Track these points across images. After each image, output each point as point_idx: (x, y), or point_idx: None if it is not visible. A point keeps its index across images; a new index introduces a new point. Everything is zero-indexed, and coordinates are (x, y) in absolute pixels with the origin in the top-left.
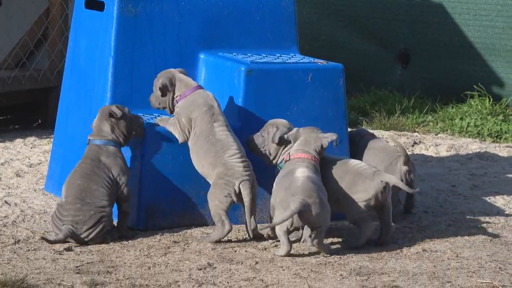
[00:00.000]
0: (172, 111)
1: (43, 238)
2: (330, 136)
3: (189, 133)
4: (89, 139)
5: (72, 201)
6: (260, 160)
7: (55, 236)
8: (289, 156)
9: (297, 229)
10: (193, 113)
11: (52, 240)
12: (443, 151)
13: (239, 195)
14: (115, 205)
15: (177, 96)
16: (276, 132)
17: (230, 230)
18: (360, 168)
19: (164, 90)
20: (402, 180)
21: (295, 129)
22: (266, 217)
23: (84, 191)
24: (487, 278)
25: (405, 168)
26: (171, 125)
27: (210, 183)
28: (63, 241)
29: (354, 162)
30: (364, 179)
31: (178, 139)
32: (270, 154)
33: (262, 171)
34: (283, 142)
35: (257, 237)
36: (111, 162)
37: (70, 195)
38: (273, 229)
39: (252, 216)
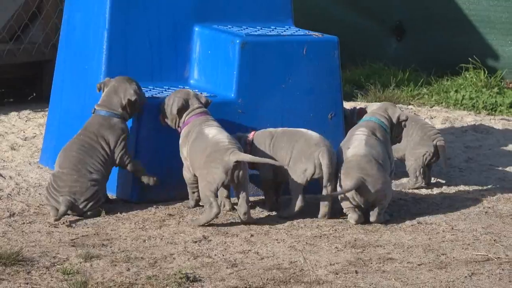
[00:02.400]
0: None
1: (55, 219)
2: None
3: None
4: (95, 109)
5: (68, 172)
6: None
7: (55, 210)
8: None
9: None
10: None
11: (57, 217)
12: (438, 123)
13: (228, 172)
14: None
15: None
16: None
17: (218, 213)
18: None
19: None
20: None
21: None
22: None
23: (80, 163)
24: (482, 250)
25: None
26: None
27: None
28: (66, 212)
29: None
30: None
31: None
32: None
33: None
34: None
35: (250, 222)
36: (110, 134)
37: (66, 167)
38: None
39: (244, 196)
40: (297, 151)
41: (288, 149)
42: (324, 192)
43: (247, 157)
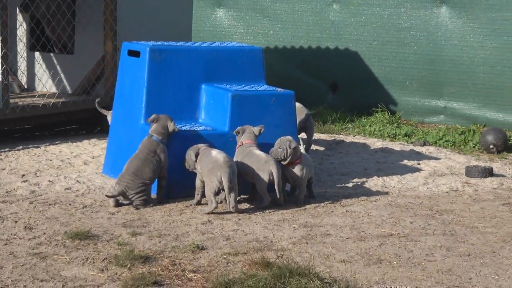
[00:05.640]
0: None
1: (107, 195)
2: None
3: None
4: (152, 135)
5: (130, 174)
6: None
7: (114, 201)
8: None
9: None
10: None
11: (110, 195)
12: (359, 147)
13: (221, 182)
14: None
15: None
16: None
17: (216, 207)
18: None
19: None
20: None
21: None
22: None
23: (140, 170)
24: (387, 228)
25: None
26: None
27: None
28: (117, 196)
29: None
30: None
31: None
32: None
33: None
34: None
35: (238, 212)
36: (162, 155)
37: (129, 170)
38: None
39: (232, 195)
40: (256, 166)
41: (249, 164)
42: (276, 189)
43: (226, 188)
